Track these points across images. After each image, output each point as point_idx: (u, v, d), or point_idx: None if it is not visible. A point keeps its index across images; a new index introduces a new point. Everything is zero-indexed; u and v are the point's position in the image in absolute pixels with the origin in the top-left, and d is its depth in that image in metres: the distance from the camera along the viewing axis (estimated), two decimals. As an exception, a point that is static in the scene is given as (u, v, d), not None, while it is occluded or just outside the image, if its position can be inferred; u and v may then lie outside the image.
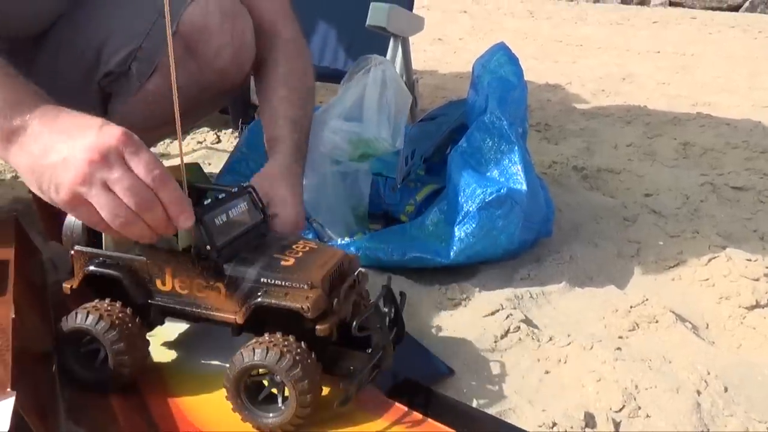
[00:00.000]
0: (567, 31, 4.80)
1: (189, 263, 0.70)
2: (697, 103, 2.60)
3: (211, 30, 0.96)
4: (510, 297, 0.99)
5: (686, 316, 0.98)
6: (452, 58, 3.53)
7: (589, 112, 2.39)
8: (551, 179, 1.57)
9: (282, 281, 0.68)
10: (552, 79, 2.98)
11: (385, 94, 1.07)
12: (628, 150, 1.88)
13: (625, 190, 1.54)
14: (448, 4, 6.01)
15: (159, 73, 1.01)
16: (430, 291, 1.00)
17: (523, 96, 1.16)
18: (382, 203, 1.24)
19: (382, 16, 1.54)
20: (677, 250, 1.18)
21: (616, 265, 1.14)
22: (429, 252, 1.03)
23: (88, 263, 0.73)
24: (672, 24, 5.51)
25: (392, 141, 1.08)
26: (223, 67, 1.00)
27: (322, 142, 1.02)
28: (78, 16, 1.01)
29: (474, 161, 1.09)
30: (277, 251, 0.72)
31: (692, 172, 1.66)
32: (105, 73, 1.03)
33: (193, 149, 1.72)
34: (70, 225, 0.75)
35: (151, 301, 0.72)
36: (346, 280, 0.73)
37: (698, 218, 1.36)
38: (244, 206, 0.76)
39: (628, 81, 3.05)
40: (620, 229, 1.29)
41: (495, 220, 1.02)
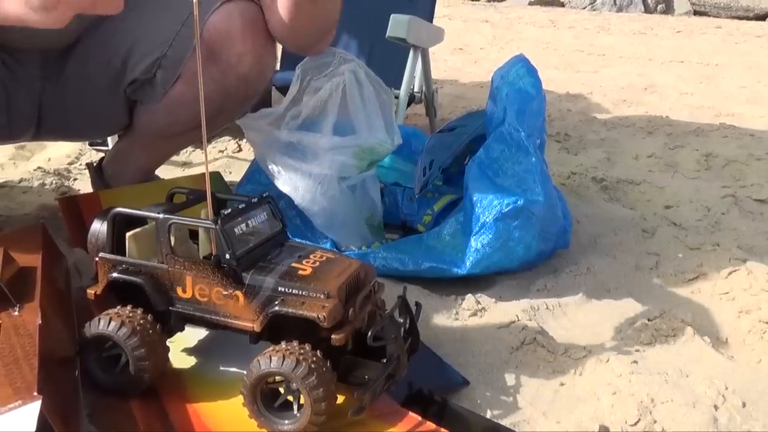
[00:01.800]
0: (589, 41, 4.79)
1: (209, 271, 0.72)
2: (720, 113, 2.57)
3: (234, 37, 0.98)
4: (526, 308, 0.99)
5: (705, 330, 0.98)
6: (473, 67, 3.54)
7: (609, 122, 2.38)
8: (570, 190, 1.56)
9: (299, 290, 0.69)
10: (573, 88, 2.97)
11: (365, 94, 1.06)
12: (648, 161, 1.87)
13: (645, 202, 1.53)
14: (469, 13, 6.04)
15: (182, 80, 1.03)
16: (446, 301, 1.01)
17: (541, 107, 1.17)
18: (400, 213, 1.25)
19: (402, 27, 1.56)
20: (697, 263, 1.17)
21: (634, 278, 1.14)
22: (445, 262, 1.03)
23: (112, 270, 0.75)
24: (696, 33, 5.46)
25: (391, 140, 1.07)
26: (245, 73, 1.02)
27: (328, 166, 1.00)
28: (104, 28, 1.04)
29: (491, 172, 1.10)
30: (295, 261, 0.73)
31: (714, 184, 1.64)
32: (131, 81, 1.06)
33: (215, 158, 1.75)
34: (95, 233, 0.77)
35: (171, 308, 0.74)
36: (362, 289, 0.74)
37: (719, 231, 1.35)
38: (263, 216, 0.78)
39: (651, 91, 3.03)
40: (639, 241, 1.28)
41: (511, 232, 1.02)
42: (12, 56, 1.00)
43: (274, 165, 1.05)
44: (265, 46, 0.99)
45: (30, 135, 1.12)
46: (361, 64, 1.06)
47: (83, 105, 1.07)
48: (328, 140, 1.02)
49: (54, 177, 1.52)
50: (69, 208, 1.13)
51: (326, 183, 1.02)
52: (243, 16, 0.96)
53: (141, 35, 1.02)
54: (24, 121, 1.07)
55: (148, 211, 0.75)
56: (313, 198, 1.02)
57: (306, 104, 1.03)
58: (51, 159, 1.65)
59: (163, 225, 0.72)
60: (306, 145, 1.02)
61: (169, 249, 0.73)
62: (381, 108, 1.07)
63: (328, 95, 1.03)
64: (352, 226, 1.09)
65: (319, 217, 1.05)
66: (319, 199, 1.02)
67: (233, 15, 0.95)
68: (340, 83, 1.02)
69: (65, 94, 1.06)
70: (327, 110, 1.03)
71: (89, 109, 1.09)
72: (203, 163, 0.73)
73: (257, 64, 1.00)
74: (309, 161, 1.02)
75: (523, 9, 6.68)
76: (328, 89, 1.02)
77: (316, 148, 1.02)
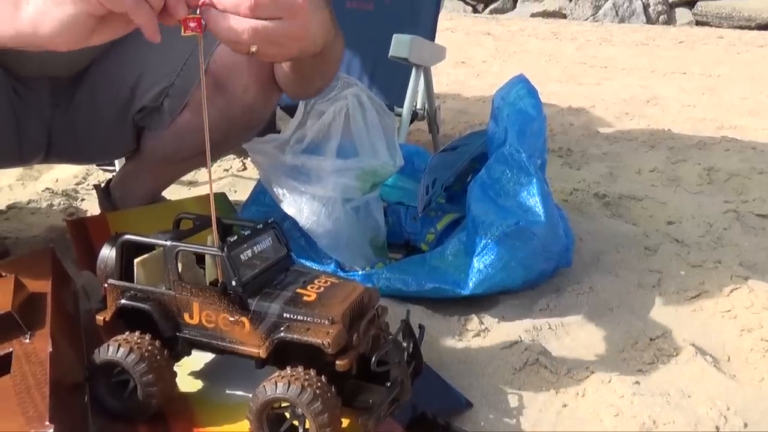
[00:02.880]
0: (591, 53, 4.80)
1: (215, 298, 0.73)
2: (722, 126, 2.58)
3: (240, 68, 1.00)
4: (529, 328, 1.00)
5: (707, 349, 0.98)
6: (475, 81, 3.56)
7: (612, 136, 2.39)
8: (572, 207, 1.58)
9: (304, 316, 0.70)
10: (575, 102, 2.98)
11: (367, 118, 1.08)
12: (651, 175, 1.88)
13: (648, 218, 1.54)
14: (471, 26, 6.07)
15: (189, 108, 1.06)
16: (449, 322, 1.02)
17: (542, 128, 1.18)
18: (404, 232, 1.26)
19: (404, 47, 1.58)
20: (699, 281, 1.18)
21: (636, 296, 1.14)
22: (448, 283, 1.05)
23: (120, 297, 0.76)
24: (698, 44, 5.47)
25: (393, 162, 1.09)
26: (250, 103, 1.04)
27: (332, 188, 1.02)
28: (113, 57, 1.06)
29: (493, 192, 1.11)
30: (300, 286, 0.75)
31: (716, 199, 1.65)
32: (139, 109, 1.08)
33: (220, 177, 1.76)
34: (104, 259, 0.79)
35: (179, 333, 0.75)
36: (366, 314, 0.75)
37: (721, 247, 1.36)
38: (268, 241, 0.79)
39: (653, 103, 3.04)
40: (641, 258, 1.29)
41: (513, 252, 1.03)
42: (23, 84, 1.02)
43: (279, 188, 1.06)
44: (270, 77, 1.01)
45: (39, 159, 1.14)
46: (363, 88, 1.08)
47: (92, 131, 1.09)
48: (332, 163, 1.04)
49: (62, 198, 1.54)
50: (77, 231, 1.15)
51: (330, 205, 1.04)
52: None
53: (149, 65, 1.04)
54: (34, 146, 1.09)
55: (156, 238, 0.76)
56: (318, 220, 1.04)
57: (310, 128, 1.05)
58: (59, 179, 1.67)
59: (170, 252, 0.74)
60: (310, 168, 1.04)
61: (177, 275, 0.74)
62: (383, 131, 1.09)
63: (331, 119, 1.05)
64: (356, 247, 1.11)
65: (324, 238, 1.06)
66: (323, 221, 1.03)
67: None
68: (343, 107, 1.04)
69: (75, 121, 1.08)
70: (330, 134, 1.05)
71: (98, 134, 1.11)
72: (208, 182, 0.75)
73: (262, 94, 1.02)
74: (313, 184, 1.03)
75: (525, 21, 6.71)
76: (331, 113, 1.04)
77: (320, 171, 1.03)
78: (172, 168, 1.20)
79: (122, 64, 1.06)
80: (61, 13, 0.65)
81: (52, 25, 0.66)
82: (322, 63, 0.92)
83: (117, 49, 1.05)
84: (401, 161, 1.12)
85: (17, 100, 1.02)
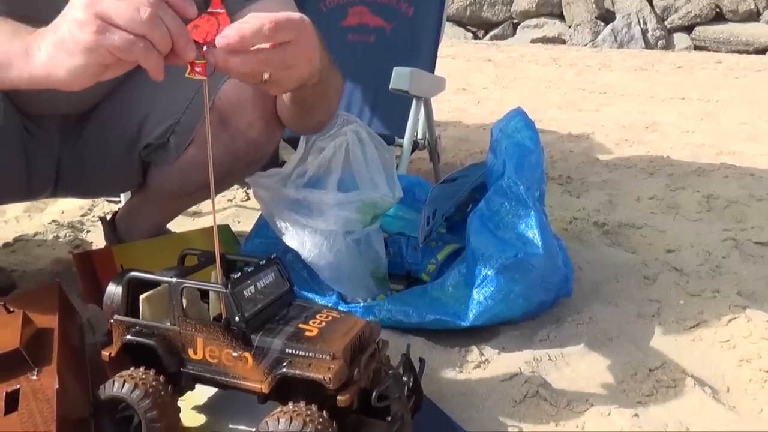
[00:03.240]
0: (591, 78, 4.85)
1: (219, 333, 0.74)
2: (721, 152, 2.60)
3: (245, 105, 1.03)
4: (529, 359, 1.01)
5: (706, 379, 0.99)
6: (476, 108, 3.60)
7: (611, 163, 2.41)
8: (572, 235, 1.59)
9: (306, 352, 0.72)
10: (575, 128, 3.02)
11: (367, 152, 1.10)
12: (650, 203, 1.90)
13: (647, 246, 1.56)
14: (472, 52, 6.14)
15: (195, 144, 1.08)
16: (450, 353, 1.03)
17: (539, 160, 1.20)
18: (405, 263, 1.27)
19: (405, 80, 1.61)
20: (698, 310, 1.19)
21: (635, 326, 1.15)
22: (449, 314, 1.06)
23: (126, 332, 0.78)
24: (697, 68, 5.52)
25: (393, 194, 1.11)
26: (255, 139, 1.06)
27: (333, 221, 1.04)
28: (121, 94, 1.09)
29: (492, 224, 1.13)
30: (302, 321, 0.76)
31: (715, 227, 1.66)
32: (145, 145, 1.11)
33: (224, 207, 1.79)
34: (111, 295, 0.81)
35: (183, 369, 0.76)
36: (367, 348, 0.76)
37: (720, 275, 1.37)
38: (271, 277, 0.81)
39: (652, 129, 3.07)
40: (641, 287, 1.30)
41: (513, 284, 1.05)
42: (34, 122, 1.05)
43: (282, 221, 1.08)
44: (274, 113, 1.03)
45: (47, 193, 1.17)
46: (362, 124, 1.11)
47: (99, 166, 1.12)
48: (333, 196, 1.06)
49: (67, 230, 1.57)
50: (83, 264, 1.17)
51: (332, 238, 1.06)
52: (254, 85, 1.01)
53: (156, 103, 1.07)
54: (43, 181, 1.11)
55: (161, 275, 0.78)
56: (320, 253, 1.05)
57: (311, 163, 1.07)
58: (64, 211, 1.69)
59: (175, 289, 0.76)
60: (312, 202, 1.06)
61: (181, 312, 0.76)
62: (382, 165, 1.11)
63: (332, 154, 1.07)
64: (358, 279, 1.12)
65: (326, 271, 1.08)
66: (325, 254, 1.05)
67: (244, 84, 1.00)
68: (343, 143, 1.07)
69: (83, 156, 1.11)
70: (331, 168, 1.07)
71: (105, 170, 1.13)
72: (212, 212, 0.77)
73: (266, 130, 1.04)
74: (315, 217, 1.05)
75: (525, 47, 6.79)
76: (332, 148, 1.07)
77: (321, 204, 1.05)
78: (177, 202, 1.22)
79: (129, 101, 1.08)
80: (72, 63, 0.67)
81: (65, 72, 0.68)
82: (322, 94, 0.94)
83: (124, 87, 1.08)
84: (400, 193, 1.14)
85: (28, 138, 1.05)
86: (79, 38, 0.66)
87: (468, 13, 7.35)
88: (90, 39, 0.65)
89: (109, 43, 0.65)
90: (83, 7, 0.66)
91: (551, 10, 7.23)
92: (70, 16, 0.68)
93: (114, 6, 0.64)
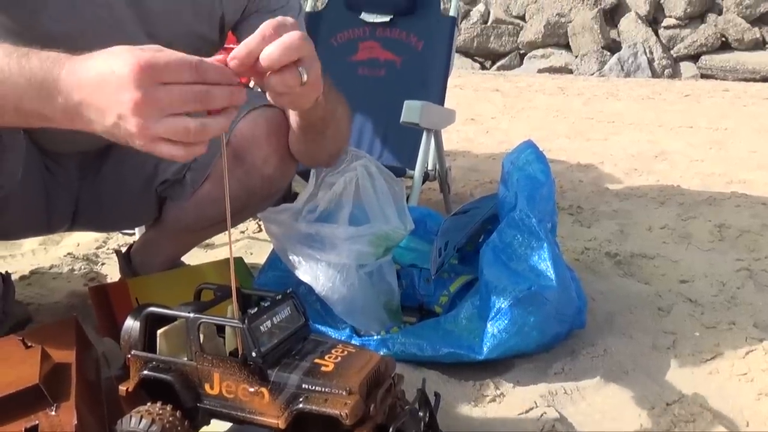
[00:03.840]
0: (598, 108, 4.88)
1: (236, 369, 0.75)
2: (732, 180, 2.60)
3: (260, 141, 1.05)
4: (544, 393, 1.00)
5: (725, 413, 0.98)
6: (485, 138, 3.63)
7: (622, 192, 2.42)
8: (584, 266, 1.59)
9: (322, 387, 0.72)
10: (584, 158, 3.03)
11: (377, 185, 1.11)
12: (662, 233, 1.90)
13: (660, 276, 1.55)
14: (480, 82, 6.21)
15: (210, 180, 1.10)
16: (464, 387, 1.02)
17: (551, 192, 1.21)
18: (417, 295, 1.27)
19: (416, 113, 1.63)
20: (714, 342, 1.18)
21: (651, 358, 1.14)
22: (463, 348, 1.06)
23: (143, 367, 0.78)
24: (704, 97, 5.55)
25: (404, 226, 1.12)
26: (270, 174, 1.08)
27: (346, 255, 1.04)
28: (138, 131, 1.11)
29: (505, 256, 1.13)
30: (318, 356, 0.77)
31: (728, 257, 1.66)
32: (162, 181, 1.13)
33: (237, 239, 1.80)
34: (128, 330, 0.81)
35: (199, 404, 0.77)
36: (383, 383, 0.76)
37: (735, 306, 1.36)
38: (287, 311, 0.81)
39: (661, 158, 3.08)
40: (655, 319, 1.29)
41: (527, 317, 1.05)
42: (54, 160, 1.08)
43: (294, 255, 1.09)
44: (287, 149, 1.05)
45: (65, 228, 1.19)
46: (371, 159, 1.13)
47: (117, 202, 1.14)
48: (345, 230, 1.07)
49: (83, 262, 1.58)
50: (98, 297, 1.18)
51: (345, 272, 1.06)
52: (268, 122, 1.03)
53: None
54: (61, 217, 1.13)
55: (179, 310, 0.79)
56: (333, 287, 1.06)
57: (322, 198, 1.09)
58: (80, 244, 1.71)
59: (192, 324, 0.76)
60: (324, 236, 1.07)
61: (198, 347, 0.76)
62: (392, 197, 1.13)
63: (342, 189, 1.08)
64: (371, 312, 1.12)
65: (339, 305, 1.08)
66: (338, 288, 1.05)
67: (259, 121, 1.02)
68: (353, 177, 1.08)
69: (100, 192, 1.13)
70: (342, 203, 1.08)
71: (122, 205, 1.15)
72: (226, 244, 0.78)
73: (281, 165, 1.06)
74: (328, 251, 1.06)
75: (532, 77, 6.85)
76: (342, 183, 1.08)
77: (333, 238, 1.06)
78: (192, 236, 1.24)
79: None
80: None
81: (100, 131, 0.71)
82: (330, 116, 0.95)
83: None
84: (411, 225, 1.15)
85: (48, 176, 1.07)
86: (131, 141, 0.69)
87: (475, 44, 7.45)
88: (140, 145, 0.68)
89: (159, 151, 0.68)
90: (136, 127, 0.66)
91: (557, 41, 7.31)
92: (123, 128, 0.68)
93: (164, 128, 0.66)
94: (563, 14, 7.30)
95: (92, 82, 0.68)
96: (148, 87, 0.65)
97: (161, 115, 0.66)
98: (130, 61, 0.65)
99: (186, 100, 0.66)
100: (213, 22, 1.05)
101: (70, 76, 0.69)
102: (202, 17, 1.03)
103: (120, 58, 0.66)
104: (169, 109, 0.66)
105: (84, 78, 0.68)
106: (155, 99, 0.65)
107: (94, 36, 0.96)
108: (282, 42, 0.70)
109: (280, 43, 0.70)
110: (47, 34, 0.92)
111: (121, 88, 0.65)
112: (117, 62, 0.66)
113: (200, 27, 1.04)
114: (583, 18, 7.13)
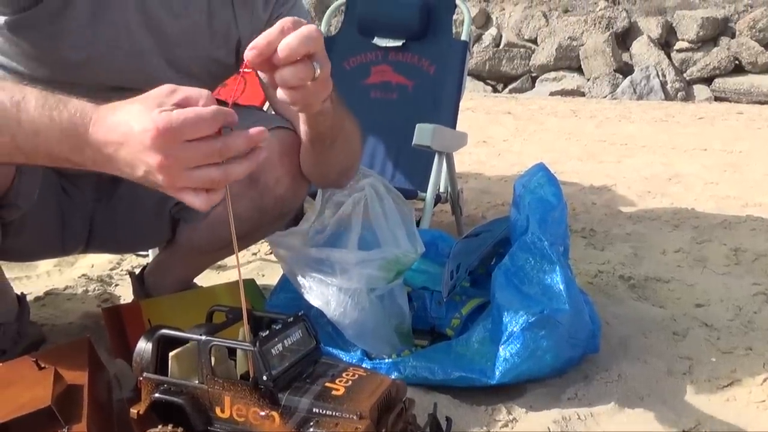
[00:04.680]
0: (611, 130, 4.88)
1: (247, 392, 0.75)
2: (747, 203, 2.58)
3: (272, 162, 1.06)
4: (557, 419, 0.99)
5: (743, 442, 0.96)
6: (497, 160, 3.63)
7: (635, 215, 2.40)
8: (598, 289, 1.57)
9: (333, 411, 0.72)
10: (597, 180, 3.02)
11: (386, 206, 1.11)
12: (676, 256, 1.88)
13: (675, 300, 1.53)
14: (492, 105, 6.23)
15: (223, 202, 1.10)
16: (476, 412, 1.01)
17: (563, 215, 1.21)
18: (429, 317, 1.27)
19: (427, 136, 1.64)
20: (731, 368, 1.16)
21: (666, 384, 1.13)
22: (475, 372, 1.05)
23: (155, 390, 0.78)
24: (718, 119, 5.53)
25: (415, 249, 1.12)
26: (283, 194, 1.09)
27: (357, 279, 1.05)
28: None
29: (517, 280, 1.12)
30: (328, 380, 0.76)
31: (744, 281, 1.64)
32: (175, 203, 1.14)
33: (248, 261, 1.81)
34: (141, 352, 0.82)
35: (210, 427, 0.76)
36: (393, 407, 0.76)
37: (752, 331, 1.34)
38: (298, 334, 0.81)
39: (675, 181, 3.06)
40: (670, 343, 1.28)
41: (539, 341, 1.04)
42: (70, 182, 1.09)
43: (304, 280, 1.09)
44: (300, 169, 1.06)
45: (80, 250, 1.20)
46: (379, 178, 1.13)
47: (131, 224, 1.15)
48: (355, 255, 1.07)
49: (97, 283, 1.59)
50: (111, 319, 1.19)
51: (356, 296, 1.06)
52: (281, 143, 1.04)
53: None
54: (76, 239, 1.15)
55: (191, 332, 0.79)
56: (345, 311, 1.06)
57: (329, 218, 1.09)
58: (94, 265, 1.73)
59: (204, 347, 0.76)
60: (334, 261, 1.07)
61: (210, 370, 0.76)
62: (402, 219, 1.12)
63: (351, 209, 1.09)
64: (382, 335, 1.12)
65: (350, 329, 1.08)
66: (350, 312, 1.05)
67: (272, 142, 1.03)
68: (361, 198, 1.09)
69: (115, 214, 1.14)
70: (351, 225, 1.08)
71: (136, 227, 1.16)
72: (237, 270, 0.78)
73: (293, 186, 1.07)
74: (338, 276, 1.06)
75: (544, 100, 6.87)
76: (350, 204, 1.09)
77: (344, 263, 1.06)
78: (205, 257, 1.25)
79: None
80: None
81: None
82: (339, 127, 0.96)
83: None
84: (422, 248, 1.15)
85: (64, 198, 1.08)
86: (161, 189, 0.73)
87: (487, 67, 7.50)
88: (170, 193, 0.73)
89: (184, 200, 0.73)
90: (164, 182, 0.71)
91: (569, 64, 7.34)
92: (152, 181, 0.72)
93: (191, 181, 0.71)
94: (575, 38, 7.33)
95: (117, 140, 0.72)
96: (169, 150, 0.69)
97: (186, 169, 0.70)
98: (149, 126, 0.68)
99: (206, 155, 0.70)
100: (230, 47, 1.07)
101: (97, 133, 0.73)
102: (218, 42, 1.05)
103: (139, 121, 0.70)
104: (193, 164, 0.70)
105: (110, 137, 0.73)
106: (177, 159, 0.69)
107: (113, 61, 0.98)
108: (300, 32, 0.72)
109: (298, 34, 0.72)
110: (66, 59, 0.95)
111: (144, 151, 0.69)
112: (137, 123, 0.70)
113: (217, 51, 1.06)
114: (595, 41, 7.16)
